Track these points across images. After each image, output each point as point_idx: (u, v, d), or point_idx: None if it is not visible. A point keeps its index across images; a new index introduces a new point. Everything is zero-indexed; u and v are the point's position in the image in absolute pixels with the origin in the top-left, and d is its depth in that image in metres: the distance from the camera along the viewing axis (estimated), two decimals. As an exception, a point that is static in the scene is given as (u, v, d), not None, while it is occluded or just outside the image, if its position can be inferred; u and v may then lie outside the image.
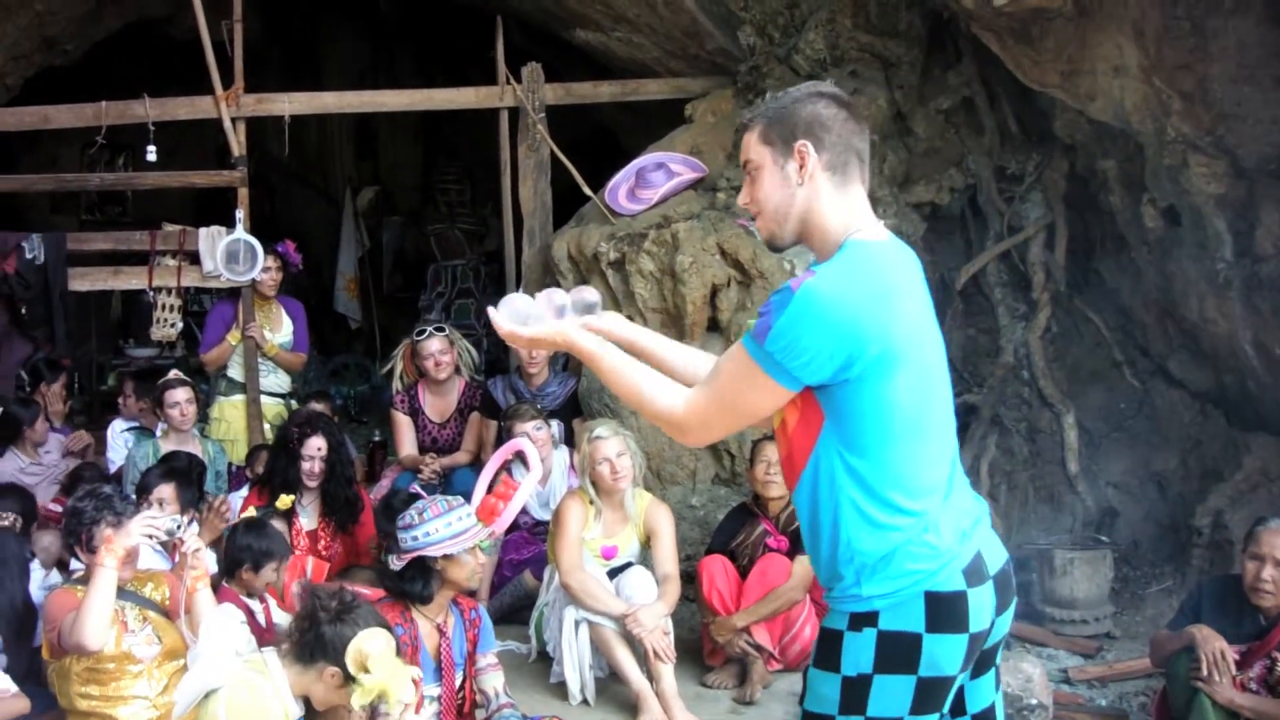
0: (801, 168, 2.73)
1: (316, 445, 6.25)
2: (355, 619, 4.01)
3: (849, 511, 2.65)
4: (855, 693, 2.65)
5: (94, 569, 4.36)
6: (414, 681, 4.14)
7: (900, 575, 2.62)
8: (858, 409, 2.62)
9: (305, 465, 6.22)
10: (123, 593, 4.52)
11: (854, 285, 2.60)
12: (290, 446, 6.28)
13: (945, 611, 2.61)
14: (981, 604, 2.65)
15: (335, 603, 4.06)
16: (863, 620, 2.65)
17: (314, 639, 3.99)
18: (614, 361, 2.86)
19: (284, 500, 5.97)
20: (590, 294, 2.98)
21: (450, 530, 4.73)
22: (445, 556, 4.75)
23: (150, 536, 4.53)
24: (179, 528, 4.59)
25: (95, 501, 4.60)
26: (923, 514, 2.64)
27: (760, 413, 2.77)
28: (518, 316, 2.91)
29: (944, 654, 2.62)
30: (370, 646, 3.92)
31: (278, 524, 5.69)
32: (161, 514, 4.68)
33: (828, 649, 2.71)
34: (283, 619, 5.03)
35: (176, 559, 4.83)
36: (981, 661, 2.76)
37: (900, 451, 2.65)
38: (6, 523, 5.47)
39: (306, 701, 4.05)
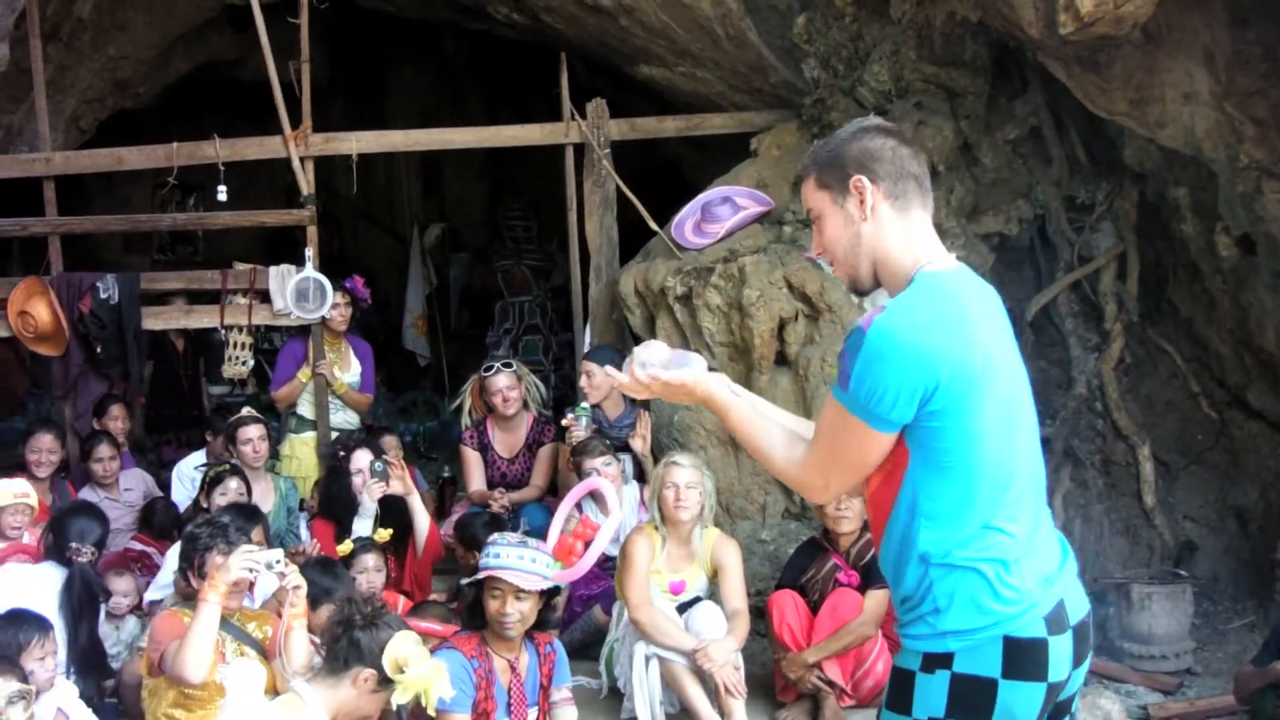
0: (861, 202, 2.70)
1: (365, 458, 6.36)
2: (387, 623, 4.27)
3: (929, 547, 2.58)
4: None
5: (199, 603, 4.39)
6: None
7: (979, 613, 2.54)
8: (943, 444, 2.56)
9: (355, 480, 6.35)
10: (226, 624, 4.56)
11: (924, 317, 2.53)
12: (337, 466, 6.43)
13: (1024, 658, 2.54)
14: (1061, 653, 2.58)
15: (368, 609, 4.31)
16: (936, 662, 2.58)
17: (348, 645, 4.23)
18: (744, 414, 2.84)
19: (381, 534, 6.17)
20: (696, 359, 2.97)
21: (519, 565, 4.71)
22: (492, 582, 4.72)
23: (250, 570, 4.52)
24: (278, 561, 4.60)
25: (211, 529, 4.70)
26: (1004, 553, 2.56)
27: (868, 460, 2.65)
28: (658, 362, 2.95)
29: (1020, 702, 2.54)
30: (405, 647, 4.19)
31: (372, 558, 5.77)
32: (261, 549, 4.68)
33: (900, 690, 2.65)
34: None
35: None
36: (1056, 713, 2.67)
37: (983, 487, 2.57)
38: (85, 558, 5.49)
39: None
